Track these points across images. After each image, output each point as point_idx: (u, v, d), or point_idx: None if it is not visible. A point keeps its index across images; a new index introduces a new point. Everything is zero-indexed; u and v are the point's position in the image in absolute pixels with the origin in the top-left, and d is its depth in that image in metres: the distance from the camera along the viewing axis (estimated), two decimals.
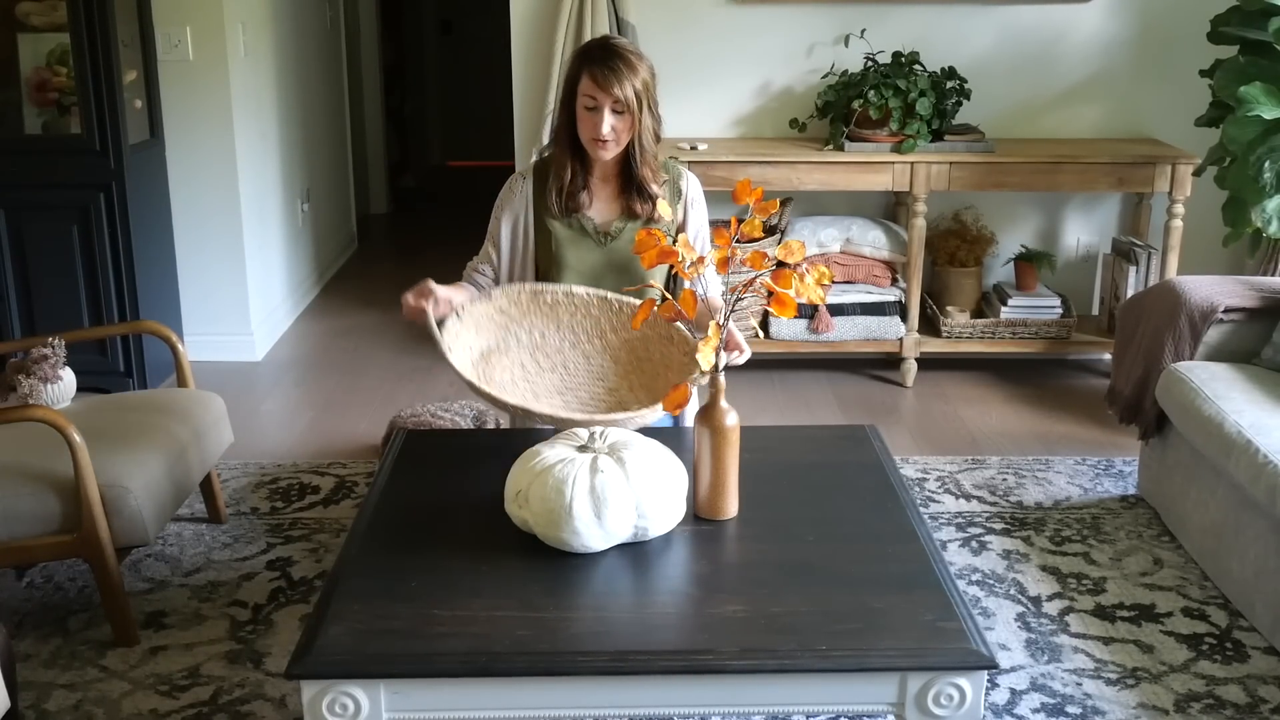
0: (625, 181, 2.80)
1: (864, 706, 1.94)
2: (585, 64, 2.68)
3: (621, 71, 2.64)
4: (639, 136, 2.70)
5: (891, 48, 4.47)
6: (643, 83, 2.67)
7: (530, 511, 2.12)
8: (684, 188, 2.85)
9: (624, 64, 2.65)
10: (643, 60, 2.70)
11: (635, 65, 2.67)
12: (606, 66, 2.64)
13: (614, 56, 2.66)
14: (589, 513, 2.08)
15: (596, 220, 2.80)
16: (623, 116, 2.67)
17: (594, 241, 2.80)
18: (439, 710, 1.90)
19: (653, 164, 2.77)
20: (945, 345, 4.49)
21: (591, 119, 2.67)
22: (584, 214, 2.80)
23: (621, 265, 2.80)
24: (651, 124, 2.72)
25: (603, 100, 2.64)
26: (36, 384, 3.02)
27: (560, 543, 2.11)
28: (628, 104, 2.64)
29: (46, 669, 2.68)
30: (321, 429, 4.10)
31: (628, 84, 2.63)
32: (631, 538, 2.15)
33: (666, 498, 2.15)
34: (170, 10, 4.44)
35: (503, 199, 2.87)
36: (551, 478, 2.10)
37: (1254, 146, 3.64)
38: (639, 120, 2.68)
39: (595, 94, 2.65)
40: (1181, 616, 2.89)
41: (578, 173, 2.78)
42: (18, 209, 4.20)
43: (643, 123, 2.69)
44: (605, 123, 2.65)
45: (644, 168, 2.75)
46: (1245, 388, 3.05)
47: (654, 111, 2.73)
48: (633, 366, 2.72)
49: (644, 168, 2.75)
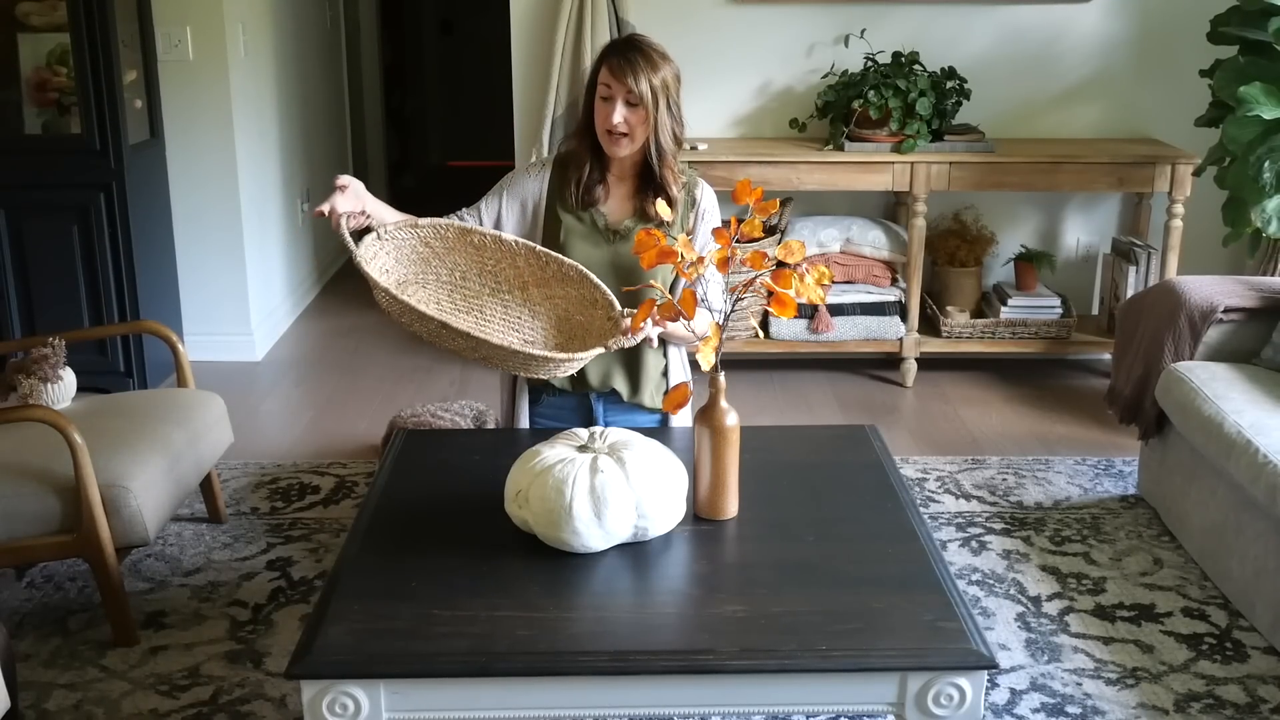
0: (642, 182, 2.78)
1: (864, 706, 1.94)
2: (606, 55, 2.68)
3: (639, 64, 2.62)
4: (657, 135, 2.68)
5: (891, 48, 4.47)
6: (662, 81, 2.64)
7: (530, 511, 2.12)
8: (698, 196, 2.83)
9: (643, 58, 2.63)
10: (667, 61, 2.68)
11: (656, 62, 2.65)
12: (624, 58, 2.63)
13: (634, 50, 2.65)
14: (589, 513, 2.07)
15: (609, 217, 2.80)
16: (636, 110, 2.64)
17: (602, 238, 2.79)
18: (439, 710, 1.90)
19: (673, 166, 2.75)
20: (945, 345, 4.49)
21: (605, 108, 2.65)
22: (597, 210, 2.79)
23: (627, 265, 2.80)
24: (670, 124, 2.70)
25: (616, 90, 2.62)
26: (36, 384, 3.02)
27: (560, 543, 2.11)
28: (642, 98, 2.62)
29: (46, 669, 2.68)
30: (321, 429, 4.10)
31: (643, 78, 2.61)
32: (631, 538, 2.15)
33: (666, 498, 2.15)
34: (170, 10, 4.44)
35: (515, 179, 2.83)
36: (551, 478, 2.10)
37: (1254, 146, 3.64)
38: (654, 117, 2.66)
39: (610, 83, 2.64)
40: (1181, 616, 2.89)
41: (594, 168, 2.77)
42: (18, 209, 4.20)
43: (660, 120, 2.67)
44: (617, 112, 2.63)
45: (665, 169, 2.72)
46: (1245, 388, 3.05)
47: (674, 113, 2.69)
48: (551, 324, 2.67)
49: (665, 169, 2.72)
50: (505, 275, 2.66)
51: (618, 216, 2.80)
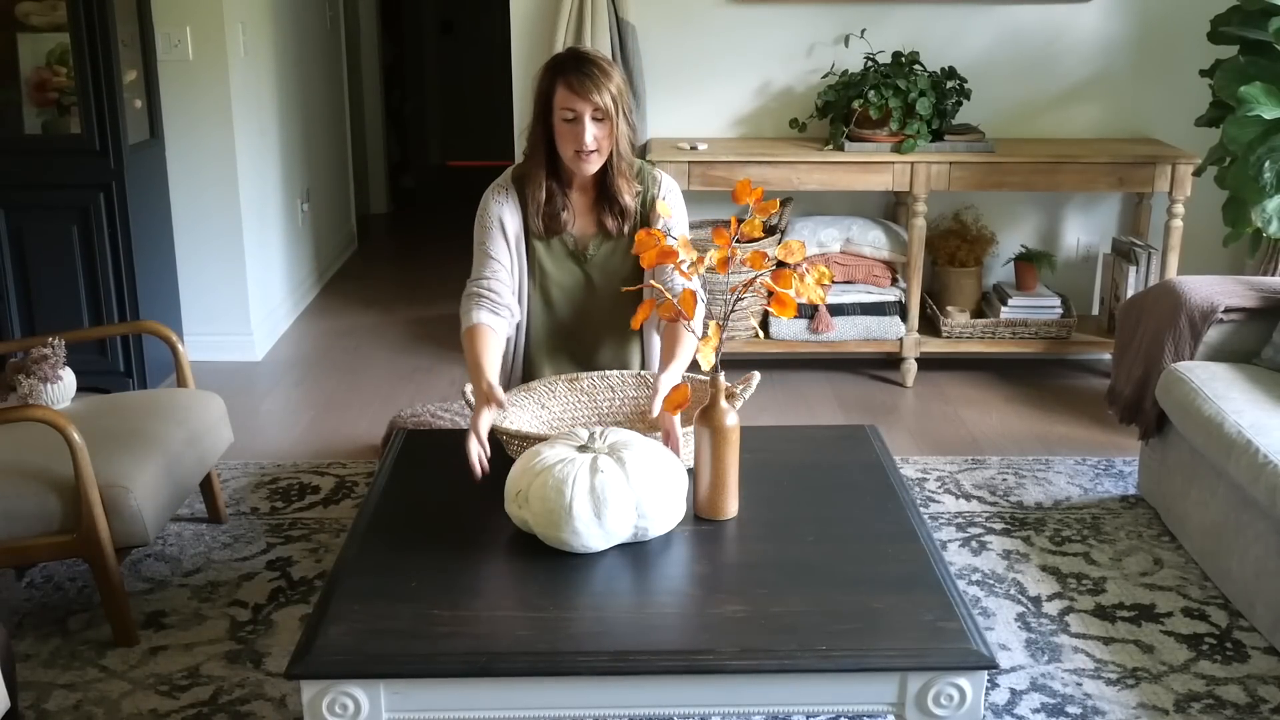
0: (599, 194, 2.76)
1: (864, 706, 1.94)
2: (558, 74, 2.61)
3: (597, 77, 2.58)
4: (616, 145, 2.65)
5: (891, 48, 4.47)
6: (617, 89, 2.62)
7: (530, 511, 2.12)
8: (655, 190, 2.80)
9: (599, 70, 2.60)
10: (614, 67, 2.66)
11: (609, 71, 2.62)
12: (582, 73, 2.58)
13: (587, 63, 2.60)
14: (589, 513, 2.07)
15: (576, 236, 2.79)
16: (603, 124, 2.61)
17: (573, 260, 2.79)
18: (439, 710, 1.90)
19: (627, 173, 2.72)
20: (945, 345, 4.49)
21: (573, 131, 2.61)
22: (566, 232, 2.77)
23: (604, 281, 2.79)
24: (628, 131, 2.67)
25: (582, 109, 2.58)
26: (36, 384, 3.02)
27: (560, 543, 2.11)
28: (607, 111, 2.60)
29: (46, 669, 2.68)
30: (321, 429, 4.10)
31: (605, 90, 2.58)
32: (631, 538, 2.15)
33: (666, 498, 2.15)
34: (170, 10, 4.44)
35: (495, 211, 2.76)
36: (551, 478, 2.09)
37: (1254, 146, 3.64)
38: (616, 128, 2.64)
39: (574, 104, 2.59)
40: (1181, 616, 2.89)
41: (555, 191, 2.73)
42: (18, 209, 4.19)
43: (619, 129, 2.64)
44: (588, 132, 2.60)
45: (619, 178, 2.70)
46: (1245, 388, 3.05)
47: (629, 119, 2.67)
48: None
49: (619, 178, 2.70)
50: (622, 411, 2.70)
51: (583, 235, 2.78)
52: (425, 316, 5.35)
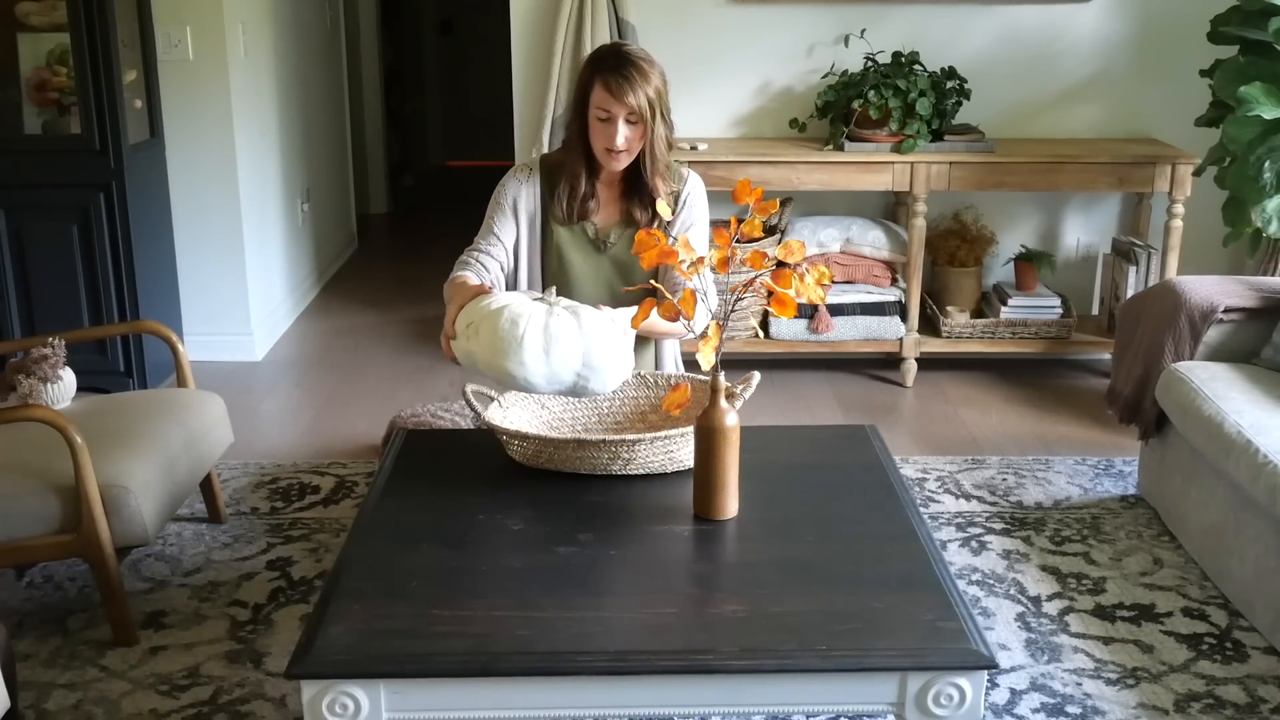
0: (628, 187, 2.77)
1: (864, 706, 1.94)
2: (597, 72, 2.62)
3: (635, 79, 2.59)
4: (651, 145, 2.66)
5: (891, 48, 4.47)
6: (655, 90, 2.62)
7: (479, 343, 2.20)
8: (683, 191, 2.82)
9: (637, 72, 2.60)
10: (654, 66, 2.65)
11: (648, 73, 2.62)
12: (619, 74, 2.59)
13: (626, 64, 2.60)
14: (539, 347, 2.18)
15: (598, 225, 2.79)
16: (636, 126, 2.62)
17: (593, 247, 2.79)
18: (439, 710, 1.90)
19: (663, 173, 2.74)
20: (945, 345, 4.49)
21: (605, 130, 2.62)
22: (588, 219, 2.78)
23: (622, 270, 2.79)
24: (664, 132, 2.68)
25: (616, 110, 2.60)
26: (36, 384, 3.02)
27: (504, 374, 2.20)
28: (641, 113, 2.60)
29: (46, 669, 2.68)
30: (321, 429, 4.10)
31: (641, 92, 2.59)
32: (573, 386, 2.25)
33: (613, 355, 2.26)
34: (170, 10, 4.44)
35: (511, 190, 2.79)
36: (507, 312, 2.22)
37: (1254, 146, 3.64)
38: (651, 129, 2.64)
39: (609, 105, 2.60)
40: (1181, 616, 2.89)
41: (587, 181, 2.75)
42: (18, 209, 4.19)
43: (655, 131, 2.65)
44: (619, 134, 2.61)
45: (654, 177, 2.71)
46: (1245, 388, 3.05)
47: (666, 119, 2.68)
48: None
49: (654, 177, 2.71)
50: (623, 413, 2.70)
51: (606, 223, 2.79)
52: (425, 316, 5.34)
